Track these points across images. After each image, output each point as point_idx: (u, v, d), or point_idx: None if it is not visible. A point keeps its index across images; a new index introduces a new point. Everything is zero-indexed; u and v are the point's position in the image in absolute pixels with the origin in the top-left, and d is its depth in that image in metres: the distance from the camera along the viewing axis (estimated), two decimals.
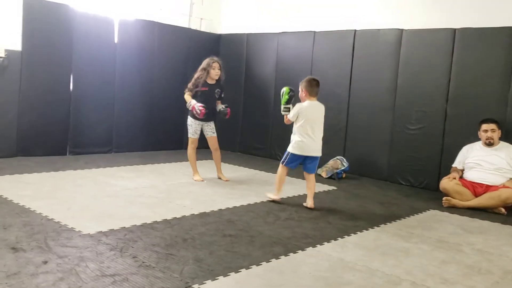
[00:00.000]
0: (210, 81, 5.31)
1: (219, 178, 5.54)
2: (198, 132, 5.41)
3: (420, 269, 3.04)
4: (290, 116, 4.50)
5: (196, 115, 5.17)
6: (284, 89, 4.60)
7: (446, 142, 5.61)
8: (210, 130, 5.43)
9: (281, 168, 4.62)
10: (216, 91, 5.34)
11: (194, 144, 5.42)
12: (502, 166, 4.88)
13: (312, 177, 4.55)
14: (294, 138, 4.50)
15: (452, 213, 4.65)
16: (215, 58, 5.37)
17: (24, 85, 5.90)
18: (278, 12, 7.48)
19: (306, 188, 4.57)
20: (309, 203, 4.46)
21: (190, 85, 5.30)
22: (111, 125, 6.84)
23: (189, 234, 3.41)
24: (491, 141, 4.98)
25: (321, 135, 4.50)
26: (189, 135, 5.41)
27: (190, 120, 5.38)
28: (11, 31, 5.76)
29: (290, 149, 4.52)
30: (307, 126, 4.39)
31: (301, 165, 4.58)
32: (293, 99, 4.59)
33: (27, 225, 3.34)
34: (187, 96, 5.28)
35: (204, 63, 5.32)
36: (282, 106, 4.60)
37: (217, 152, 5.52)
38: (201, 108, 5.08)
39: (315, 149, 4.45)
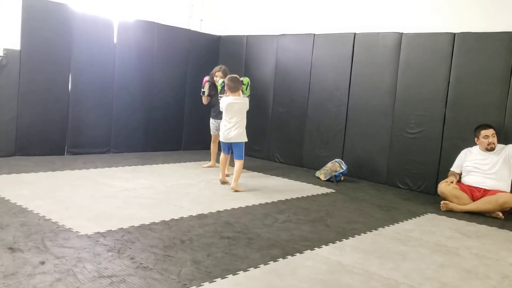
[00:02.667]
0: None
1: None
2: (214, 129, 6.24)
3: (418, 273, 3.04)
4: (220, 106, 5.37)
5: (203, 87, 6.09)
6: (220, 81, 5.63)
7: (444, 146, 5.62)
8: None
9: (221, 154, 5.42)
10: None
11: (214, 138, 6.34)
12: (501, 168, 4.88)
13: (237, 162, 5.15)
14: None
15: (450, 217, 4.65)
16: (223, 67, 6.04)
17: (23, 85, 5.89)
18: (278, 14, 7.49)
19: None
20: (232, 184, 5.04)
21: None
22: (110, 125, 6.83)
23: (187, 235, 3.41)
24: (493, 146, 4.96)
25: (237, 125, 5.11)
26: (211, 132, 6.36)
27: (210, 120, 6.32)
28: (10, 30, 5.75)
29: None
30: (225, 116, 5.18)
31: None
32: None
33: (24, 225, 3.33)
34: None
35: (213, 70, 6.09)
36: (219, 96, 5.65)
37: None
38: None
39: (231, 137, 5.14)
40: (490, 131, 4.97)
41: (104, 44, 6.61)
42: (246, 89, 5.44)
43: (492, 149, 4.97)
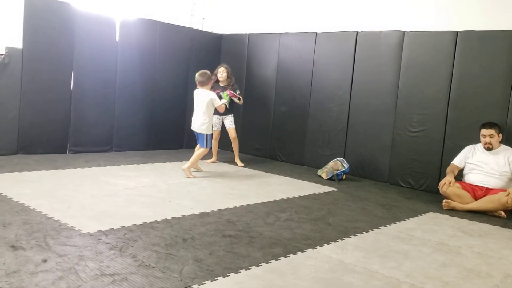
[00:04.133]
0: (221, 84, 6.44)
1: (236, 163, 6.53)
2: (218, 125, 6.56)
3: (420, 272, 3.04)
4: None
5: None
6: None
7: (447, 145, 5.61)
8: (228, 122, 6.54)
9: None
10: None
11: (215, 135, 6.52)
12: (503, 169, 4.87)
13: (200, 149, 5.69)
14: None
15: (452, 215, 4.65)
16: (224, 65, 6.45)
17: (25, 83, 5.90)
18: (280, 12, 7.49)
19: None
20: (184, 165, 5.53)
21: None
22: (112, 123, 6.83)
23: (189, 234, 3.41)
24: (490, 146, 4.95)
25: (202, 116, 5.56)
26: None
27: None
28: (12, 29, 5.76)
29: None
30: (194, 108, 5.68)
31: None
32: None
33: (26, 223, 3.34)
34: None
35: (215, 71, 6.42)
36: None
37: (235, 141, 6.59)
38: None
39: (194, 127, 5.66)
40: (488, 131, 4.94)
41: (106, 43, 6.61)
42: (226, 96, 6.08)
43: (489, 149, 4.96)
